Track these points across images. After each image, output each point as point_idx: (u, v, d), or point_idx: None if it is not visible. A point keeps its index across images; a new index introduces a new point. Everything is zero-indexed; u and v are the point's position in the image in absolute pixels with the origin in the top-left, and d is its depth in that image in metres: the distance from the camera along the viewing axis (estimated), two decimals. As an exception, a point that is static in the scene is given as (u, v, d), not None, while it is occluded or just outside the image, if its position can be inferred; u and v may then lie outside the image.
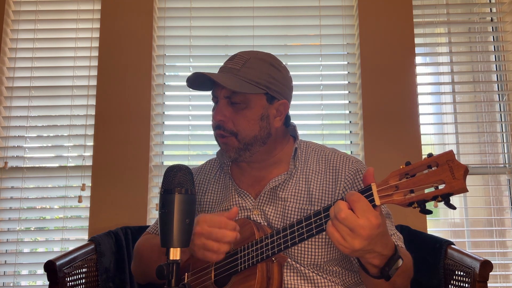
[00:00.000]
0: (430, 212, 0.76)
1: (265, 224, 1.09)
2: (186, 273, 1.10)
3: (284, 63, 1.17)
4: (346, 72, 2.12)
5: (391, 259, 0.85)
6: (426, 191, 0.76)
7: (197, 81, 1.09)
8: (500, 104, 2.17)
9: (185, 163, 1.86)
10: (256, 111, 1.07)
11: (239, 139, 1.07)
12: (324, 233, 1.00)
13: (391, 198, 0.78)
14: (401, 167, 0.78)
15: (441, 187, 0.74)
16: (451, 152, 0.73)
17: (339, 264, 1.08)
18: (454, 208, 0.74)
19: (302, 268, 1.05)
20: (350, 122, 2.10)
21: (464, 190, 0.72)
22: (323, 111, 2.08)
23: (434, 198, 0.74)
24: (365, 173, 0.83)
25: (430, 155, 0.76)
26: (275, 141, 1.13)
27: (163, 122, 2.10)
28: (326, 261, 1.06)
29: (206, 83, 1.10)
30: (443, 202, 0.74)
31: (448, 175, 0.72)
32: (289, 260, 1.05)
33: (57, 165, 2.07)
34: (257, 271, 0.95)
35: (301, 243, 1.03)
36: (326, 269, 1.06)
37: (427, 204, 0.77)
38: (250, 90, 1.04)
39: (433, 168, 0.75)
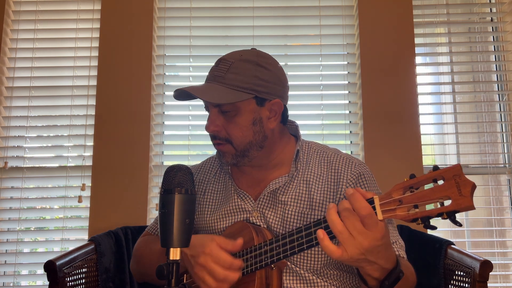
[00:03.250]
0: (434, 227, 0.73)
1: (265, 227, 1.08)
2: (185, 274, 1.10)
3: (284, 63, 1.15)
4: (346, 72, 2.12)
5: (392, 273, 0.83)
6: (431, 206, 0.74)
7: (184, 94, 1.06)
8: (500, 104, 2.17)
9: (185, 163, 1.86)
10: (247, 116, 1.04)
11: (234, 146, 1.05)
12: None
13: (394, 213, 0.75)
14: (405, 179, 0.76)
15: (446, 203, 0.72)
16: (458, 166, 0.71)
17: (339, 268, 1.07)
18: (460, 225, 0.72)
19: (302, 271, 1.05)
20: (350, 122, 2.10)
21: (471, 208, 0.69)
22: (323, 111, 2.08)
23: (439, 215, 0.71)
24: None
25: (435, 168, 0.73)
26: (273, 142, 1.10)
27: (163, 122, 2.10)
28: (324, 265, 1.05)
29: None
30: (448, 219, 0.72)
31: (454, 191, 0.70)
32: (288, 264, 1.04)
33: (57, 165, 2.07)
34: (255, 278, 0.95)
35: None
36: (325, 272, 1.06)
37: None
38: (236, 99, 1.00)
39: (438, 182, 0.72)
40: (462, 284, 1.28)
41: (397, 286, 0.85)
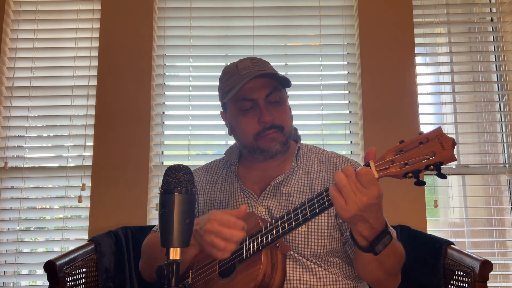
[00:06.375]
0: (423, 183, 0.82)
1: (269, 220, 1.11)
2: (190, 271, 1.11)
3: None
4: (346, 72, 2.12)
5: (381, 234, 0.90)
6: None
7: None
8: (500, 104, 2.17)
9: (185, 163, 1.86)
10: (287, 104, 1.21)
11: (284, 133, 1.15)
12: (325, 224, 1.09)
13: (387, 171, 0.84)
14: (397, 144, 0.86)
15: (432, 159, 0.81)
16: (439, 128, 0.81)
17: (339, 256, 1.13)
18: (444, 177, 0.80)
19: (304, 260, 1.09)
20: (350, 122, 2.10)
21: (452, 158, 0.79)
22: (323, 111, 2.08)
23: (427, 167, 0.81)
24: (367, 152, 0.88)
25: (421, 133, 0.82)
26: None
27: (163, 122, 2.10)
28: (327, 252, 1.10)
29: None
30: (435, 171, 0.80)
31: (438, 147, 0.80)
32: (291, 252, 1.09)
33: (57, 165, 2.07)
34: (262, 256, 0.97)
35: (303, 234, 1.09)
36: (327, 260, 1.11)
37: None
38: (289, 84, 1.18)
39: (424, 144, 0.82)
40: (462, 284, 1.28)
41: (386, 253, 0.91)
